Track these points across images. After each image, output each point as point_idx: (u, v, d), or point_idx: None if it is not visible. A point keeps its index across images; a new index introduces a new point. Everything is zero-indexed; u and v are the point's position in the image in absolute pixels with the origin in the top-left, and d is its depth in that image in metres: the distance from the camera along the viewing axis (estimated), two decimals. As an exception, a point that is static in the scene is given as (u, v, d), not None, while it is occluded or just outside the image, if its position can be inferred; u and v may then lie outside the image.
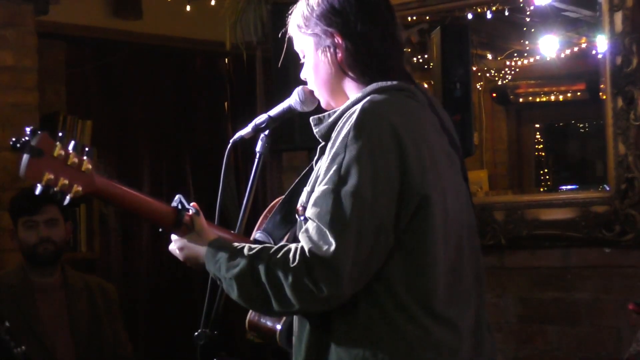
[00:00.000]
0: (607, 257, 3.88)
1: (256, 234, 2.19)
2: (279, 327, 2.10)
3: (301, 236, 1.84)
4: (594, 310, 3.93)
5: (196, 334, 2.12)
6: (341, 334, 1.87)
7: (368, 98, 1.91)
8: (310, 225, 1.83)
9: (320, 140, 1.99)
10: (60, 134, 1.90)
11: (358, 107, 1.89)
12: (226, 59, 6.15)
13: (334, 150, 1.86)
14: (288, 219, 2.13)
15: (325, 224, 1.80)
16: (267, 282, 1.83)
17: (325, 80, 2.04)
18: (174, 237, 2.08)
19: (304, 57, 2.09)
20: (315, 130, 2.00)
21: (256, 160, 2.20)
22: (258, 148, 2.22)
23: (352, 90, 2.01)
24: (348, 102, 1.96)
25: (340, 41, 1.99)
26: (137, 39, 5.66)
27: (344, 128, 1.87)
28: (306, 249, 1.80)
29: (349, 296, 1.82)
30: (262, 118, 2.23)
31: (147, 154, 5.80)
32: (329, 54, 2.01)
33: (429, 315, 1.85)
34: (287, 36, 2.14)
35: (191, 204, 2.06)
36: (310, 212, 1.84)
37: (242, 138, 2.25)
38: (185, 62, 6.04)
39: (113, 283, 4.00)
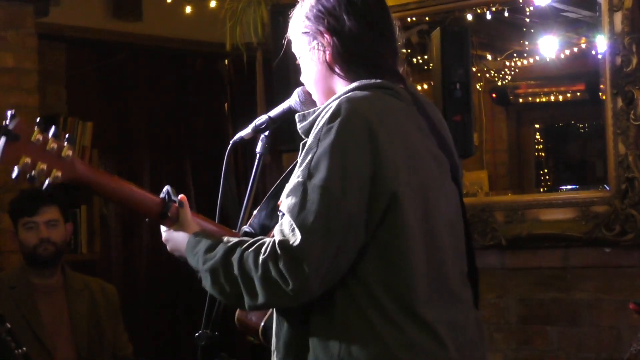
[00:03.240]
0: (608, 257, 3.89)
1: (244, 228, 2.18)
2: (262, 323, 2.10)
3: (276, 230, 1.85)
4: (595, 310, 3.93)
5: (197, 334, 2.12)
6: (318, 332, 1.86)
7: (348, 95, 1.91)
8: (284, 219, 1.83)
9: (303, 136, 1.98)
10: (38, 119, 1.91)
11: (336, 102, 1.89)
12: (226, 61, 6.16)
13: (308, 144, 1.86)
14: (273, 214, 2.13)
15: (293, 216, 1.80)
16: (239, 274, 1.84)
17: (316, 79, 2.04)
18: (162, 228, 2.09)
19: (299, 58, 2.09)
20: (298, 126, 1.99)
21: (256, 161, 2.21)
22: (258, 149, 2.22)
23: (340, 88, 2.00)
24: (331, 99, 1.95)
25: (328, 39, 1.99)
26: (137, 41, 5.67)
27: (321, 123, 1.87)
28: (277, 242, 1.80)
29: (318, 292, 1.81)
30: (262, 119, 2.23)
31: (147, 155, 5.81)
32: (318, 53, 2.01)
33: (407, 315, 1.83)
34: (286, 38, 2.14)
35: (179, 196, 2.06)
36: (283, 205, 1.85)
37: (242, 139, 2.25)
38: (185, 63, 6.05)
39: (113, 284, 4.00)
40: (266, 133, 2.22)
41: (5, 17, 4.54)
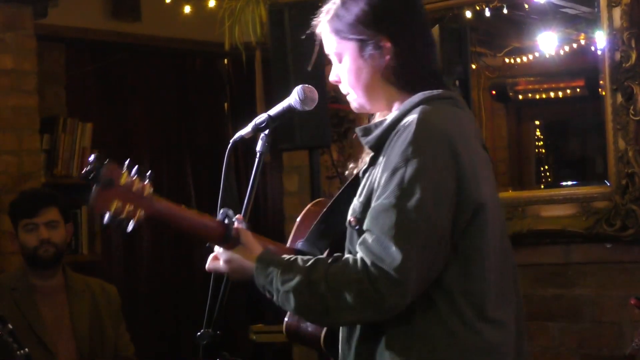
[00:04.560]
0: (608, 252, 3.89)
1: (298, 244, 2.18)
2: (323, 332, 2.10)
3: (360, 248, 1.86)
4: (596, 306, 3.93)
5: (199, 333, 2.12)
6: (396, 340, 1.89)
7: (420, 109, 1.92)
8: (370, 238, 1.85)
9: (370, 150, 2.00)
10: (127, 162, 1.92)
11: (411, 119, 1.90)
12: (225, 60, 6.16)
13: (393, 164, 1.87)
14: (332, 229, 2.12)
15: (390, 237, 1.81)
16: (328, 294, 1.85)
17: (367, 85, 2.03)
18: (218, 250, 2.06)
19: (340, 61, 2.06)
20: (363, 141, 2.01)
21: (256, 160, 2.20)
22: (258, 148, 2.21)
23: (393, 95, 2.01)
24: (397, 113, 1.96)
25: (389, 47, 1.99)
26: (136, 41, 5.67)
27: (400, 140, 1.88)
28: (368, 261, 1.83)
29: (407, 305, 1.85)
30: (262, 117, 2.22)
31: (147, 156, 5.80)
32: (376, 59, 2.00)
33: (482, 320, 1.88)
34: (317, 37, 2.10)
35: (236, 216, 2.06)
36: (371, 225, 1.86)
37: (242, 138, 2.24)
38: (184, 63, 6.05)
39: (114, 284, 4.00)
40: (266, 132, 2.20)
41: (4, 18, 4.55)
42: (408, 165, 1.84)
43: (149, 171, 1.95)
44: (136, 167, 1.92)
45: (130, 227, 1.90)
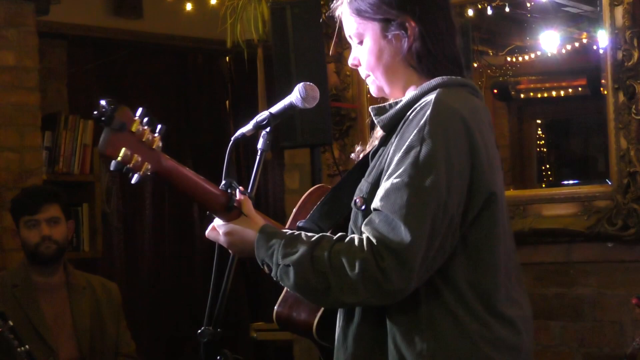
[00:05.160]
0: (610, 251, 3.88)
1: (299, 223, 2.12)
2: (315, 320, 2.06)
3: (366, 228, 1.81)
4: (597, 305, 3.93)
5: (199, 331, 2.11)
6: (401, 330, 1.84)
7: (437, 91, 1.88)
8: (378, 217, 1.80)
9: (383, 130, 1.96)
10: (140, 109, 1.87)
11: (428, 99, 1.86)
12: (227, 58, 6.16)
13: (407, 142, 1.82)
14: (336, 210, 2.07)
15: (400, 217, 1.76)
16: (330, 270, 1.79)
17: (388, 67, 1.98)
18: (217, 222, 2.03)
19: (360, 42, 2.01)
20: (376, 119, 1.96)
21: (258, 157, 2.19)
22: (259, 145, 2.20)
23: (412, 79, 1.98)
24: (413, 94, 1.92)
25: (414, 28, 1.94)
26: (138, 38, 5.67)
27: (416, 120, 1.84)
28: (374, 240, 1.77)
29: (411, 291, 1.80)
30: (263, 115, 2.20)
31: (148, 153, 5.80)
32: (399, 40, 1.95)
33: (490, 313, 1.85)
34: (337, 17, 2.06)
35: (239, 187, 2.03)
36: (380, 203, 1.80)
37: (243, 135, 2.22)
38: (186, 60, 6.05)
39: (116, 282, 4.00)
40: (267, 129, 2.19)
41: (6, 15, 4.54)
42: (423, 145, 1.79)
43: (161, 125, 1.90)
44: (147, 117, 1.87)
45: (134, 180, 1.84)
